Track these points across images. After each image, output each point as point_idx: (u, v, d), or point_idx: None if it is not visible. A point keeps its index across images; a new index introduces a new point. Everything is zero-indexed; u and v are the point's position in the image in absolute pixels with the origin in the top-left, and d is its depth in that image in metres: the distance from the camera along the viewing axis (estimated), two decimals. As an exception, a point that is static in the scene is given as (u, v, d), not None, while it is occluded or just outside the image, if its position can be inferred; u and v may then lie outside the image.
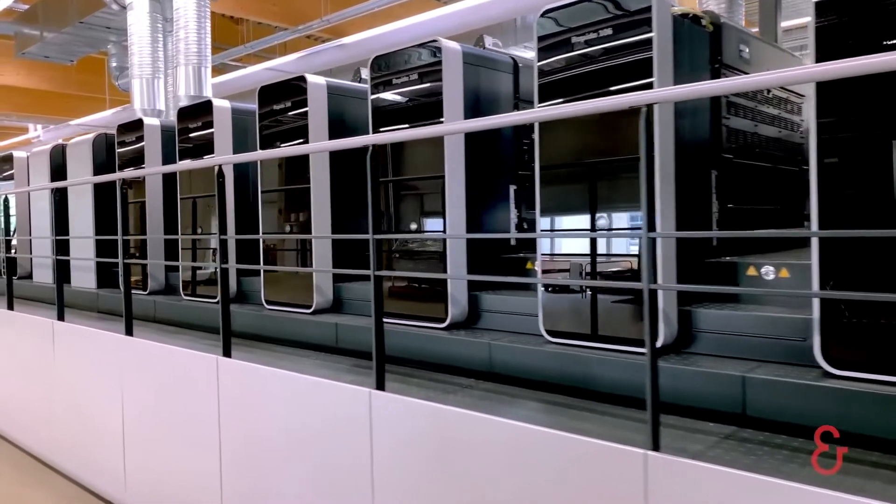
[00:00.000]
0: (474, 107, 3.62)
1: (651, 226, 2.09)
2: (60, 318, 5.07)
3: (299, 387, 3.16)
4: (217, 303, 5.00)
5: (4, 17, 12.68)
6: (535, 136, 3.11)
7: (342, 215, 4.40)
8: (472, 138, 3.56)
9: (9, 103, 19.56)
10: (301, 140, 4.27)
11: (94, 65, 17.54)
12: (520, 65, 3.92)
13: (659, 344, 2.69)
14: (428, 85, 3.56)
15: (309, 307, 4.27)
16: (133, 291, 5.94)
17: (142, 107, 8.27)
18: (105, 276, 6.60)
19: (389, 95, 3.76)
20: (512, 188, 3.87)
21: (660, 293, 2.67)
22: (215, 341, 4.45)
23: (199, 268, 5.39)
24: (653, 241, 2.28)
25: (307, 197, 4.28)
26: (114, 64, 13.75)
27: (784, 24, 7.38)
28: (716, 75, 3.14)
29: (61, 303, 5.08)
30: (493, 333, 3.35)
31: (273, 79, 4.46)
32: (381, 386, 2.77)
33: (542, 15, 3.06)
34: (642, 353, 2.44)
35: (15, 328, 5.83)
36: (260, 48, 15.42)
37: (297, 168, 4.37)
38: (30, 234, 7.59)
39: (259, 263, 4.66)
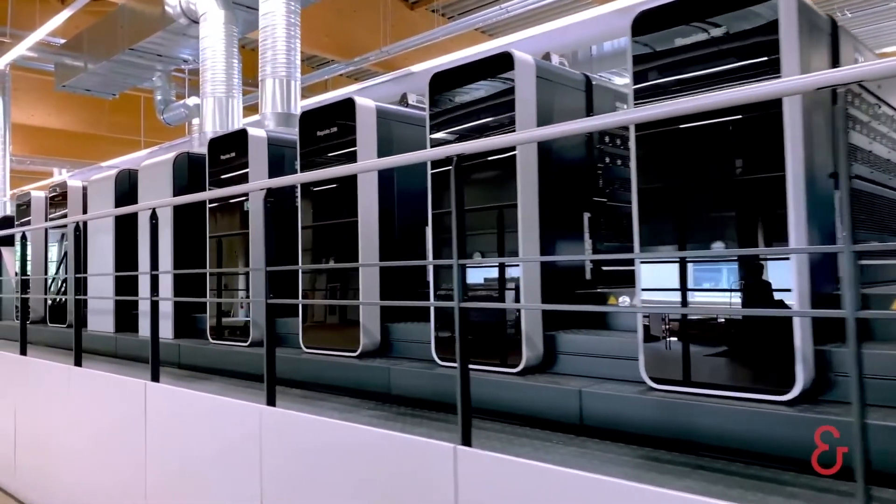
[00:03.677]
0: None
1: None
2: (155, 378, 3.89)
3: None
4: (357, 356, 3.86)
5: (42, 46, 11.85)
6: None
7: (550, 238, 3.27)
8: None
9: (38, 145, 18.84)
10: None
11: (128, 104, 16.84)
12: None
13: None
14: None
15: (516, 366, 3.10)
16: (228, 343, 4.80)
17: (213, 129, 7.25)
18: (183, 323, 5.45)
19: (667, 68, 2.65)
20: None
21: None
22: (376, 409, 3.29)
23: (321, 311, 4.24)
24: None
25: (509, 216, 3.16)
26: (159, 97, 12.94)
27: None
28: None
29: (156, 359, 3.90)
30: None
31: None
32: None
33: None
34: None
35: (84, 389, 4.65)
36: (306, 84, 14.68)
37: (491, 180, 3.26)
38: (84, 273, 6.46)
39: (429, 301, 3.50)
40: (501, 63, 3.18)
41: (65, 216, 6.96)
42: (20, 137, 17.14)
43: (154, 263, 3.93)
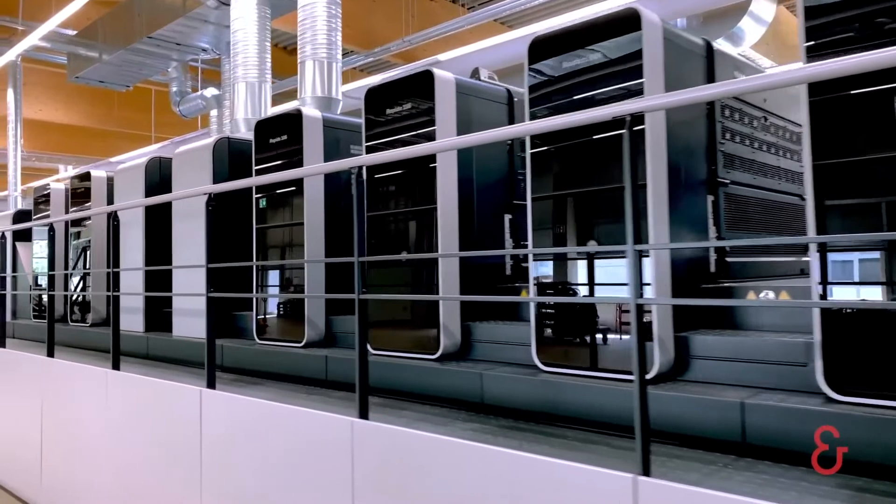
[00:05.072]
0: None
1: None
2: (211, 384, 3.46)
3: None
4: (436, 359, 3.42)
5: (55, 35, 11.41)
6: None
7: (679, 224, 2.84)
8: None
9: (46, 141, 18.40)
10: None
11: (138, 99, 16.43)
12: None
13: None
14: None
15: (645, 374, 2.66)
16: (279, 343, 4.37)
17: (245, 115, 6.81)
18: (221, 322, 5.02)
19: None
20: None
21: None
22: (472, 421, 2.85)
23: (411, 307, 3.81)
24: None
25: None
26: (174, 89, 12.50)
27: None
28: None
29: (212, 364, 3.47)
30: None
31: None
32: None
33: None
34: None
35: (123, 395, 4.22)
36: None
37: (605, 159, 2.83)
38: (110, 268, 6.02)
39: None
40: (625, 23, 2.75)
41: (87, 209, 6.53)
42: (27, 133, 16.72)
43: (210, 256, 3.50)
